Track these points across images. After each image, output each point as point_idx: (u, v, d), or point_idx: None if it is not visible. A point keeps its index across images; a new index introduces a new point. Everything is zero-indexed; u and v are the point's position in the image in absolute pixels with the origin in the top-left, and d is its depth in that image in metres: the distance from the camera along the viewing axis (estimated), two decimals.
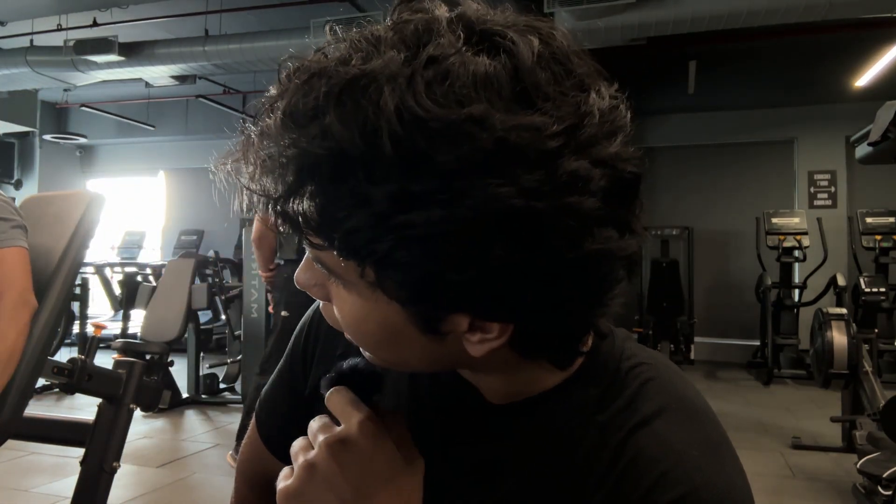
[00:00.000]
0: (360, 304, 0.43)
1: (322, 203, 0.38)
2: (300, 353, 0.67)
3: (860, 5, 4.28)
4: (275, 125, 0.39)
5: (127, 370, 1.58)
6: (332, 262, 0.42)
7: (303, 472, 0.47)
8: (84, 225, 1.56)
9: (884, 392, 3.18)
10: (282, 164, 0.38)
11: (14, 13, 5.56)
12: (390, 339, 0.45)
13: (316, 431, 0.49)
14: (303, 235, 0.41)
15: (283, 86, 0.41)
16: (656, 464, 0.43)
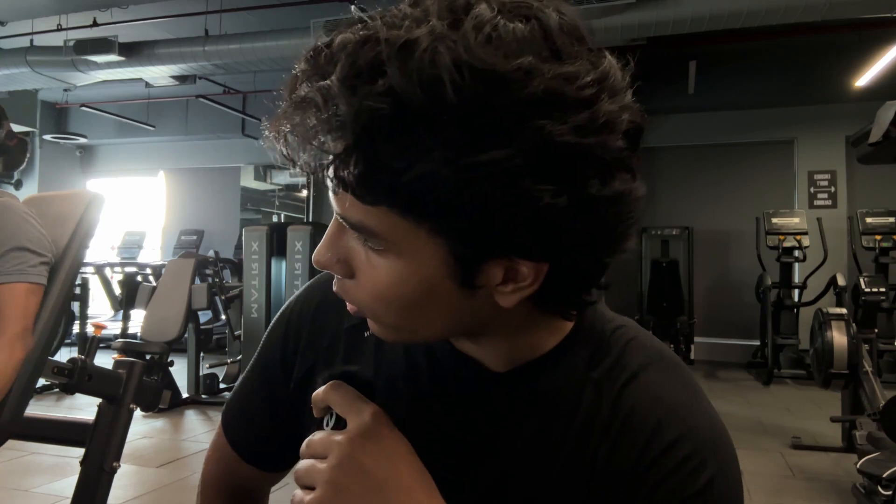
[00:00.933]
0: (400, 266, 0.45)
1: (384, 158, 0.40)
2: (279, 349, 0.65)
3: (860, 5, 4.29)
4: (334, 86, 0.40)
5: (127, 370, 1.58)
6: (380, 223, 0.43)
7: (330, 477, 0.47)
8: (84, 225, 1.56)
9: (884, 392, 3.18)
10: (342, 124, 0.40)
11: (14, 13, 5.57)
12: (422, 300, 0.46)
13: (325, 439, 0.48)
14: (356, 196, 0.42)
15: (325, 53, 0.42)
16: (652, 413, 0.50)
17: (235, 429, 0.69)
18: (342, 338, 0.62)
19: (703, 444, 0.48)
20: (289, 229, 5.15)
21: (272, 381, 0.66)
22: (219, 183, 9.20)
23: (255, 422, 0.67)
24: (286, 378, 0.64)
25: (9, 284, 1.32)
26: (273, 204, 9.71)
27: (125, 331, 5.88)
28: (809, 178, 6.98)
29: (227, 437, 0.69)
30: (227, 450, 0.69)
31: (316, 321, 0.64)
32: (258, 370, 0.68)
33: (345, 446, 0.47)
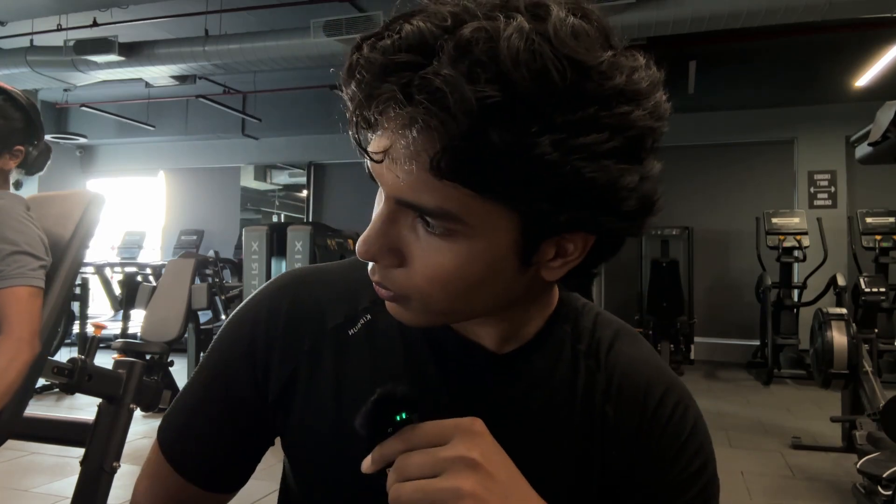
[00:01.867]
0: (470, 247, 0.47)
1: (497, 143, 0.41)
2: (245, 365, 0.61)
3: (860, 5, 4.29)
4: (448, 75, 0.40)
5: (127, 370, 1.58)
6: (461, 206, 0.45)
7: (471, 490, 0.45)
8: (84, 225, 1.56)
9: (884, 392, 3.18)
10: (455, 112, 0.41)
11: (14, 13, 5.57)
12: (486, 280, 0.49)
13: (441, 459, 0.46)
14: (461, 181, 0.43)
15: (395, 39, 0.43)
16: (640, 374, 0.59)
17: (179, 448, 0.63)
18: (327, 339, 0.60)
19: (682, 392, 0.59)
20: (289, 229, 5.15)
21: (233, 397, 0.61)
22: (219, 183, 9.20)
23: (208, 440, 0.63)
24: (258, 392, 0.61)
25: (12, 288, 1.32)
26: (273, 204, 9.71)
27: (125, 331, 5.88)
28: (809, 178, 6.97)
29: (167, 456, 0.63)
30: (166, 471, 0.63)
31: (290, 325, 0.61)
32: (212, 383, 0.63)
33: (468, 452, 0.46)
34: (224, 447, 0.63)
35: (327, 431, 0.59)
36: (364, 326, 0.61)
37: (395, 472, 0.46)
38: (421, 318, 0.52)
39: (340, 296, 0.62)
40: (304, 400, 0.60)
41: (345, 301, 0.62)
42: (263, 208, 9.58)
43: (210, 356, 0.64)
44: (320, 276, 0.65)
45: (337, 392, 0.59)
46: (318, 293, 0.62)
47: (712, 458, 0.58)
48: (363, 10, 5.61)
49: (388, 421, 0.48)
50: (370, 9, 5.38)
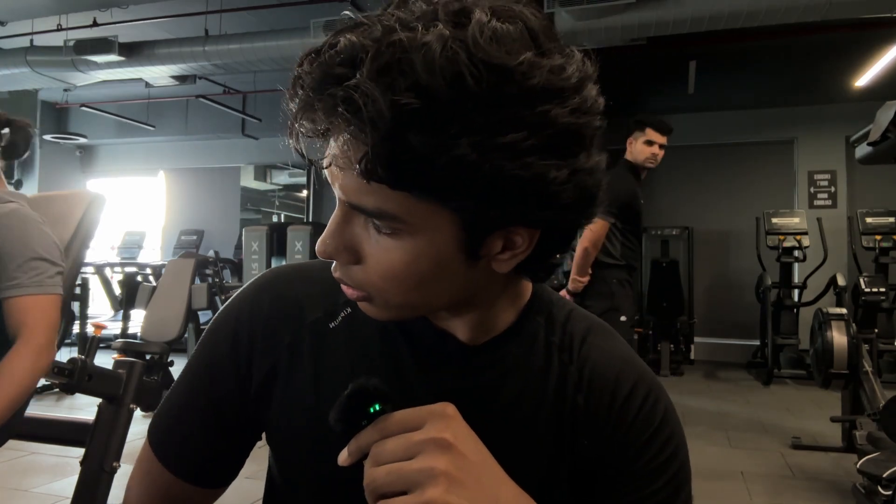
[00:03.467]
0: (414, 244, 0.49)
1: (417, 147, 0.44)
2: (228, 359, 0.63)
3: (860, 5, 4.28)
4: (365, 85, 0.43)
5: (127, 370, 1.58)
6: (399, 206, 0.47)
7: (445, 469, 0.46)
8: (84, 225, 1.56)
9: (884, 392, 3.18)
10: (375, 119, 0.43)
11: (14, 13, 5.56)
12: (434, 275, 0.51)
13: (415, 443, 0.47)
14: (389, 184, 0.46)
15: (330, 54, 0.46)
16: (610, 366, 0.60)
17: (170, 445, 0.65)
18: (306, 333, 0.62)
19: (652, 384, 0.61)
20: (289, 229, 5.16)
21: (218, 393, 0.63)
22: (219, 183, 9.20)
23: (196, 436, 0.64)
24: (242, 387, 0.62)
25: (32, 296, 1.33)
26: (273, 204, 9.71)
27: (125, 331, 5.88)
28: (809, 178, 6.97)
29: (158, 454, 0.65)
30: (157, 469, 0.65)
31: (271, 320, 0.63)
32: (198, 381, 0.65)
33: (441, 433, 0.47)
34: (211, 443, 0.65)
35: (307, 424, 0.60)
36: (344, 319, 0.63)
37: (371, 460, 0.48)
38: (384, 312, 0.55)
39: (320, 291, 0.64)
40: (283, 393, 0.61)
41: (325, 296, 0.64)
42: (263, 208, 9.58)
43: (196, 355, 0.66)
44: (300, 272, 0.67)
45: (317, 385, 0.61)
46: (298, 289, 0.65)
47: (683, 446, 0.60)
48: (363, 10, 5.60)
49: (362, 414, 0.49)
50: (370, 9, 5.37)
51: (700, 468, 3.43)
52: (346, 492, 0.56)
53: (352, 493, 0.55)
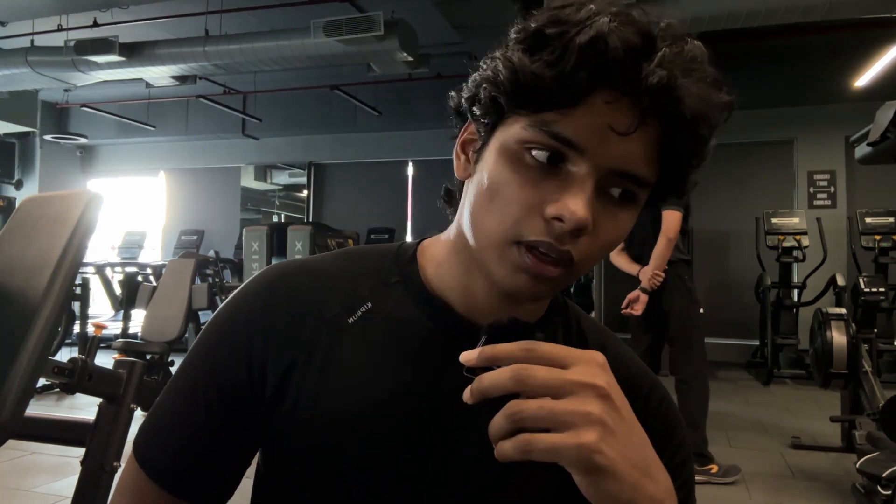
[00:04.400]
0: (633, 217, 0.54)
1: (704, 138, 0.52)
2: (242, 360, 0.59)
3: (860, 5, 4.29)
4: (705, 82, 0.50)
5: (127, 370, 1.58)
6: (648, 189, 0.53)
7: (602, 413, 0.44)
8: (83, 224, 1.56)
9: (883, 392, 3.18)
10: (694, 111, 0.49)
11: (14, 13, 5.57)
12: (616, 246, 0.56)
13: (568, 381, 0.44)
14: (678, 164, 0.53)
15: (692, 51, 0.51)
16: (627, 370, 0.62)
17: (163, 459, 0.59)
18: (324, 329, 0.60)
19: (665, 390, 0.65)
20: (289, 229, 5.16)
21: (226, 397, 0.59)
22: (219, 183, 9.21)
23: (194, 446, 0.59)
24: (255, 389, 0.58)
25: None
26: (273, 204, 9.72)
27: (126, 330, 5.89)
28: (809, 178, 6.98)
29: (148, 470, 0.59)
30: (147, 487, 0.59)
31: (288, 316, 0.60)
32: (200, 387, 0.59)
33: (597, 380, 0.45)
34: (214, 453, 0.60)
35: (326, 419, 0.58)
36: (363, 315, 0.60)
37: (513, 376, 0.44)
38: (557, 289, 0.56)
39: (335, 286, 0.62)
40: (301, 388, 0.58)
41: (341, 290, 0.61)
42: (263, 208, 9.59)
43: (195, 358, 0.61)
44: (310, 268, 0.64)
45: (336, 379, 0.58)
46: (313, 284, 0.62)
47: (691, 454, 0.64)
48: (363, 10, 5.61)
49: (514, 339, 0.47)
50: (370, 9, 5.38)
51: (699, 467, 3.43)
52: (363, 488, 0.56)
53: (368, 490, 0.56)
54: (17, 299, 1.40)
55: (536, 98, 0.50)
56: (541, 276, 0.52)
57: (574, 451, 0.42)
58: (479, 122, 0.56)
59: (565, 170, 0.50)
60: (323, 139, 8.57)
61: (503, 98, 0.52)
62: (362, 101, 7.71)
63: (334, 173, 8.87)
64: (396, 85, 7.55)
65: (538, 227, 0.51)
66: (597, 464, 0.43)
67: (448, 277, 0.61)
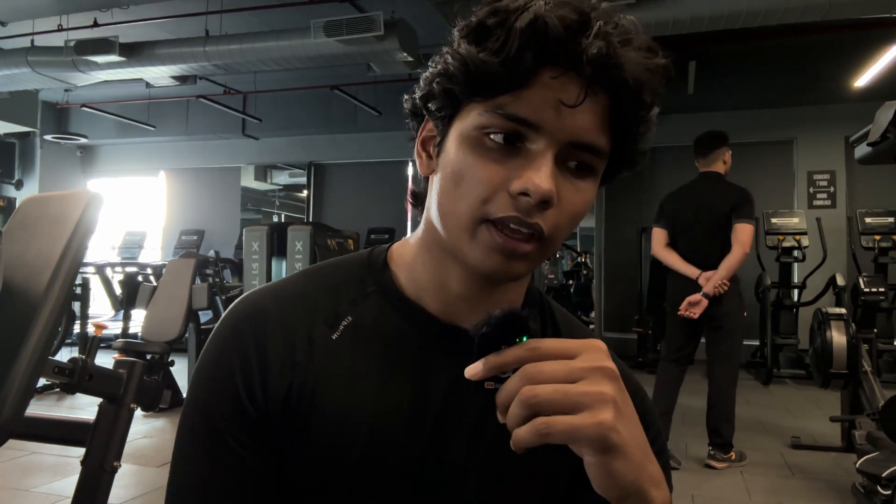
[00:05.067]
0: (594, 187, 0.56)
1: (647, 104, 0.56)
2: (241, 378, 0.58)
3: (860, 5, 4.29)
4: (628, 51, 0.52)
5: (128, 370, 1.59)
6: (605, 159, 0.56)
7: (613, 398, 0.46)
8: (83, 225, 1.56)
9: (883, 392, 3.19)
10: (636, 79, 0.52)
11: (15, 13, 5.57)
12: (582, 219, 0.57)
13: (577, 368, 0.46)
14: (626, 131, 0.55)
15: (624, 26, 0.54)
16: None
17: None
18: (311, 350, 0.59)
19: (637, 382, 0.66)
20: (289, 229, 5.16)
21: (246, 434, 0.57)
22: (219, 183, 9.21)
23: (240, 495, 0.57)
24: (264, 416, 0.57)
25: None
26: (273, 204, 9.72)
27: (126, 330, 5.89)
28: (809, 179, 6.98)
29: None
30: None
31: (279, 342, 0.59)
32: (212, 439, 0.57)
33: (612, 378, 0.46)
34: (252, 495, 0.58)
35: (323, 437, 0.57)
36: (345, 329, 0.60)
37: (524, 378, 0.45)
38: (535, 262, 0.56)
39: (314, 305, 0.62)
40: (297, 413, 0.58)
41: (320, 309, 0.61)
42: (264, 208, 9.59)
43: (197, 412, 0.59)
44: (283, 294, 0.63)
45: (330, 397, 0.58)
46: (291, 309, 0.61)
47: (665, 442, 0.66)
48: (363, 10, 5.61)
49: (505, 340, 0.47)
50: (370, 9, 5.38)
51: (700, 467, 3.43)
52: (367, 499, 0.57)
53: (372, 501, 0.57)
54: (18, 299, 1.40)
55: (487, 84, 0.52)
56: (514, 253, 0.53)
57: (593, 429, 0.44)
58: (437, 117, 0.57)
59: (525, 148, 0.52)
60: (323, 139, 8.57)
61: (457, 89, 0.54)
62: (362, 101, 7.71)
63: (334, 173, 8.87)
64: (396, 85, 7.54)
65: (505, 204, 0.52)
66: (613, 442, 0.44)
67: (422, 277, 0.61)
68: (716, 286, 3.27)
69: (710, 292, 3.28)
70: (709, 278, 3.29)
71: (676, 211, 3.54)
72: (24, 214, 1.50)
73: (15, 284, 1.41)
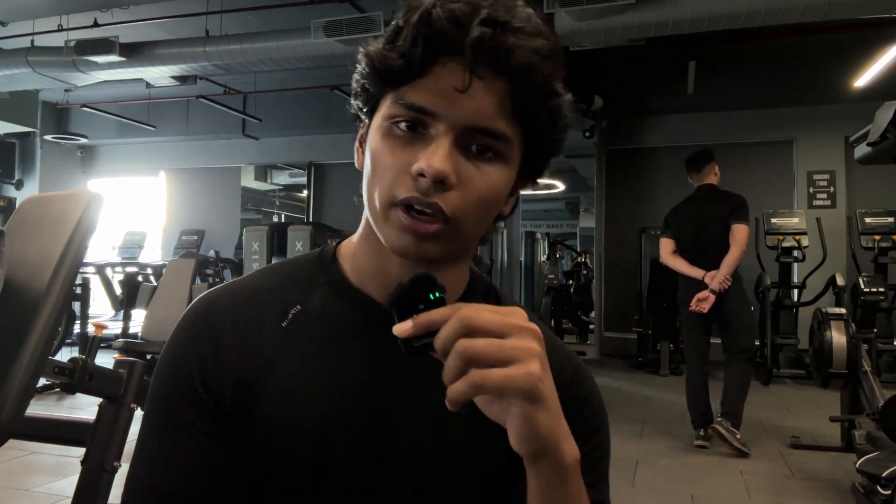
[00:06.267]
0: (504, 171, 0.58)
1: (541, 86, 0.56)
2: (195, 366, 0.61)
3: (860, 5, 4.29)
4: (538, 24, 0.56)
5: (128, 370, 1.59)
6: (512, 133, 0.57)
7: (539, 353, 0.48)
8: (83, 225, 1.56)
9: (883, 392, 3.19)
10: (527, 63, 0.54)
11: (15, 13, 5.57)
12: (498, 204, 0.60)
13: (509, 324, 0.48)
14: (523, 113, 0.56)
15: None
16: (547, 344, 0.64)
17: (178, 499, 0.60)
18: (262, 340, 0.62)
19: (580, 362, 0.70)
20: (289, 229, 5.16)
21: (203, 418, 0.60)
22: (219, 183, 9.21)
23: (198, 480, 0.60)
24: (219, 404, 0.60)
25: None
26: (273, 204, 9.72)
27: (126, 330, 5.89)
28: (809, 179, 6.98)
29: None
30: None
31: (232, 333, 0.62)
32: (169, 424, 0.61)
33: (535, 337, 0.49)
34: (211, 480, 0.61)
35: (276, 423, 0.60)
36: (294, 317, 0.64)
37: (461, 322, 0.47)
38: (446, 246, 0.58)
39: (267, 299, 0.65)
40: (250, 401, 0.61)
41: (272, 301, 0.65)
42: (264, 208, 9.60)
43: (157, 402, 0.62)
44: (238, 287, 0.67)
45: (282, 383, 0.61)
46: (245, 300, 0.65)
47: (607, 420, 0.69)
48: (363, 10, 5.61)
49: (420, 300, 0.51)
50: (370, 9, 5.38)
51: (700, 467, 3.44)
52: (320, 482, 0.59)
53: (325, 484, 0.59)
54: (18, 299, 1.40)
55: (391, 77, 0.56)
56: (420, 234, 0.56)
57: (524, 379, 0.46)
58: (362, 112, 0.62)
59: (427, 134, 0.56)
60: (323, 139, 8.57)
61: (368, 83, 0.59)
62: None
63: (334, 173, 8.87)
64: None
65: (408, 186, 0.55)
66: (540, 392, 0.47)
67: (364, 265, 0.65)
68: (720, 282, 3.67)
69: (715, 288, 3.67)
70: (713, 276, 3.68)
71: (681, 223, 3.99)
72: (25, 214, 1.51)
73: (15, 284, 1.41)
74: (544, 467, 0.50)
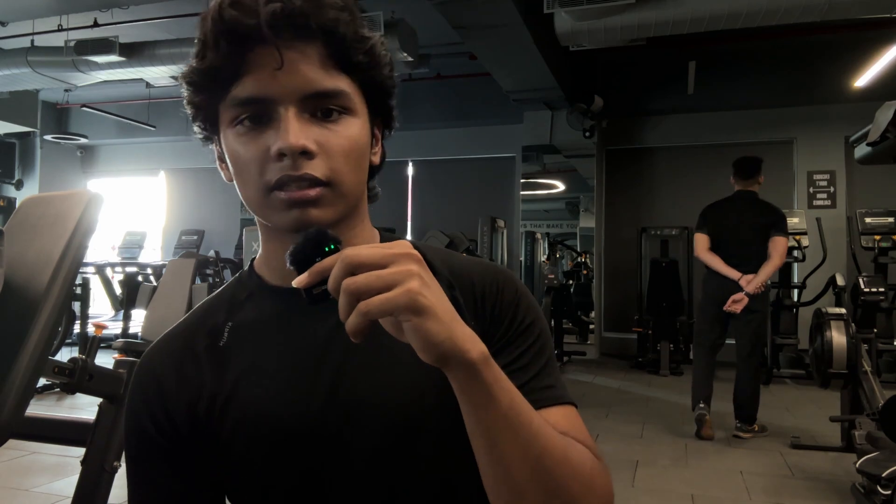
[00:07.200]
0: (357, 123, 0.63)
1: (352, 42, 0.61)
2: (147, 417, 0.67)
3: (860, 5, 4.29)
4: None
5: (128, 370, 1.59)
6: (350, 87, 0.62)
7: (417, 272, 0.50)
8: (83, 225, 1.56)
9: (883, 392, 3.19)
10: (335, 24, 0.60)
11: (15, 13, 5.57)
12: (365, 154, 0.65)
13: (389, 255, 0.50)
14: (345, 68, 0.62)
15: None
16: (472, 266, 0.72)
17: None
18: (202, 363, 0.67)
19: (504, 269, 0.74)
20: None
21: (158, 465, 0.67)
22: (219, 183, 9.03)
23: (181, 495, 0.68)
24: (173, 437, 0.66)
25: None
26: None
27: (126, 330, 5.89)
28: (808, 179, 6.98)
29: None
30: None
31: (173, 367, 0.68)
32: (138, 473, 0.68)
33: (416, 266, 0.51)
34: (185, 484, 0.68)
35: (233, 431, 0.64)
36: (230, 333, 0.68)
37: (343, 263, 0.50)
38: (336, 206, 0.62)
39: (198, 329, 0.70)
40: (202, 419, 0.65)
41: (203, 327, 0.70)
42: None
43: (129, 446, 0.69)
44: (172, 329, 0.72)
45: (233, 396, 0.65)
46: (179, 335, 0.70)
47: (542, 315, 0.72)
48: (363, 10, 5.60)
49: (317, 252, 0.53)
50: (370, 9, 5.38)
51: (700, 467, 3.44)
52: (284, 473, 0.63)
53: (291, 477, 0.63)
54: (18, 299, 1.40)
55: (212, 86, 0.61)
56: (303, 201, 0.60)
57: (404, 296, 0.49)
58: (207, 131, 0.67)
59: (272, 119, 0.60)
60: None
61: (197, 101, 0.63)
62: None
63: None
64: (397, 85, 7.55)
65: (276, 169, 0.59)
66: (421, 304, 0.49)
67: (274, 263, 0.69)
68: (756, 287, 3.82)
69: (751, 291, 3.82)
70: (749, 280, 3.83)
71: (719, 220, 4.08)
72: (24, 214, 1.51)
73: (15, 284, 1.41)
74: (454, 369, 0.52)
